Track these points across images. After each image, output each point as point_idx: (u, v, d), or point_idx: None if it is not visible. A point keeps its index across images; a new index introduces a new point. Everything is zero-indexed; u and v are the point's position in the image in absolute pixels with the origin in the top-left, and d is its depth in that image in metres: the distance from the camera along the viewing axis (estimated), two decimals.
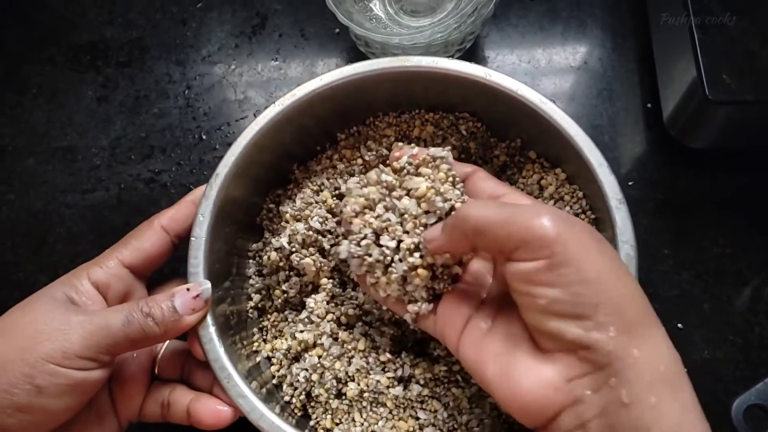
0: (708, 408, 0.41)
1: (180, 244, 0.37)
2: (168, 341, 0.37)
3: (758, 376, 0.41)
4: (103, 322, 0.31)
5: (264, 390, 0.37)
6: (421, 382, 0.36)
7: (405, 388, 0.36)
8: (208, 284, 0.34)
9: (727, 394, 0.41)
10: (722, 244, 0.46)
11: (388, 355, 0.37)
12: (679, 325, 0.44)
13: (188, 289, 0.33)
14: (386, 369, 0.37)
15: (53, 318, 0.31)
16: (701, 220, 0.46)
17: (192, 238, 0.36)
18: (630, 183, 0.47)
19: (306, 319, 0.38)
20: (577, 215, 0.38)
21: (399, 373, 0.36)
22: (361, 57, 0.51)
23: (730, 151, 0.47)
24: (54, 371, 0.29)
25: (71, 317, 0.31)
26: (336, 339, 0.38)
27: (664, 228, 0.46)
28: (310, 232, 0.39)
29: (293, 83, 0.39)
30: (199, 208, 0.36)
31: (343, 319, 0.38)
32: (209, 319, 0.34)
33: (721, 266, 0.45)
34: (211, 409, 0.33)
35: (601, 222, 0.37)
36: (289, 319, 0.40)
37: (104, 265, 0.34)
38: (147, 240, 0.36)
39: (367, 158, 0.42)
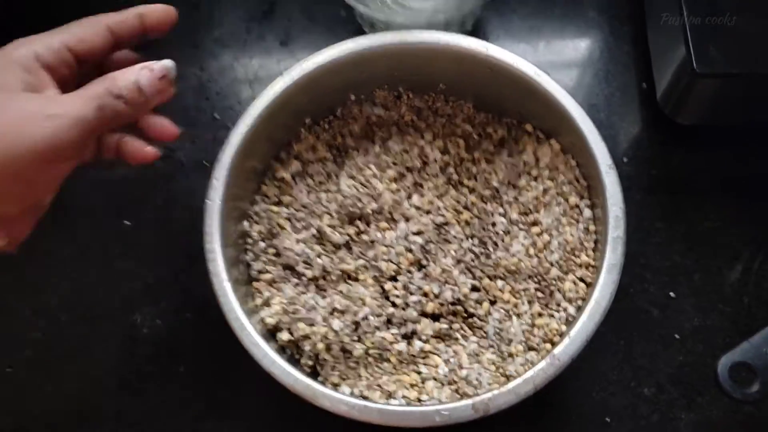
0: (697, 372, 0.44)
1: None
2: None
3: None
4: (78, 113, 0.31)
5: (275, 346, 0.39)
6: (423, 338, 0.38)
7: (408, 344, 0.38)
8: (171, 63, 0.34)
9: (715, 359, 0.43)
10: (713, 218, 0.47)
11: (392, 309, 0.39)
12: (671, 293, 0.46)
13: (151, 70, 0.33)
14: (390, 326, 0.39)
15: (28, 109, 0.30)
16: (693, 196, 0.48)
17: (207, 201, 0.37)
18: (625, 160, 0.49)
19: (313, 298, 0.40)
20: (569, 183, 0.40)
21: (403, 330, 0.39)
22: None
23: (720, 128, 0.49)
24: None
25: (46, 108, 0.30)
26: (343, 312, 0.39)
27: (656, 203, 0.48)
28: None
29: None
30: (213, 173, 0.38)
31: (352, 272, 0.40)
32: (224, 275, 0.36)
33: (711, 240, 0.47)
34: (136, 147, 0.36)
35: (593, 189, 0.39)
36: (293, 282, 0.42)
37: (50, 46, 0.33)
38: (94, 34, 0.35)
39: (373, 119, 0.44)
